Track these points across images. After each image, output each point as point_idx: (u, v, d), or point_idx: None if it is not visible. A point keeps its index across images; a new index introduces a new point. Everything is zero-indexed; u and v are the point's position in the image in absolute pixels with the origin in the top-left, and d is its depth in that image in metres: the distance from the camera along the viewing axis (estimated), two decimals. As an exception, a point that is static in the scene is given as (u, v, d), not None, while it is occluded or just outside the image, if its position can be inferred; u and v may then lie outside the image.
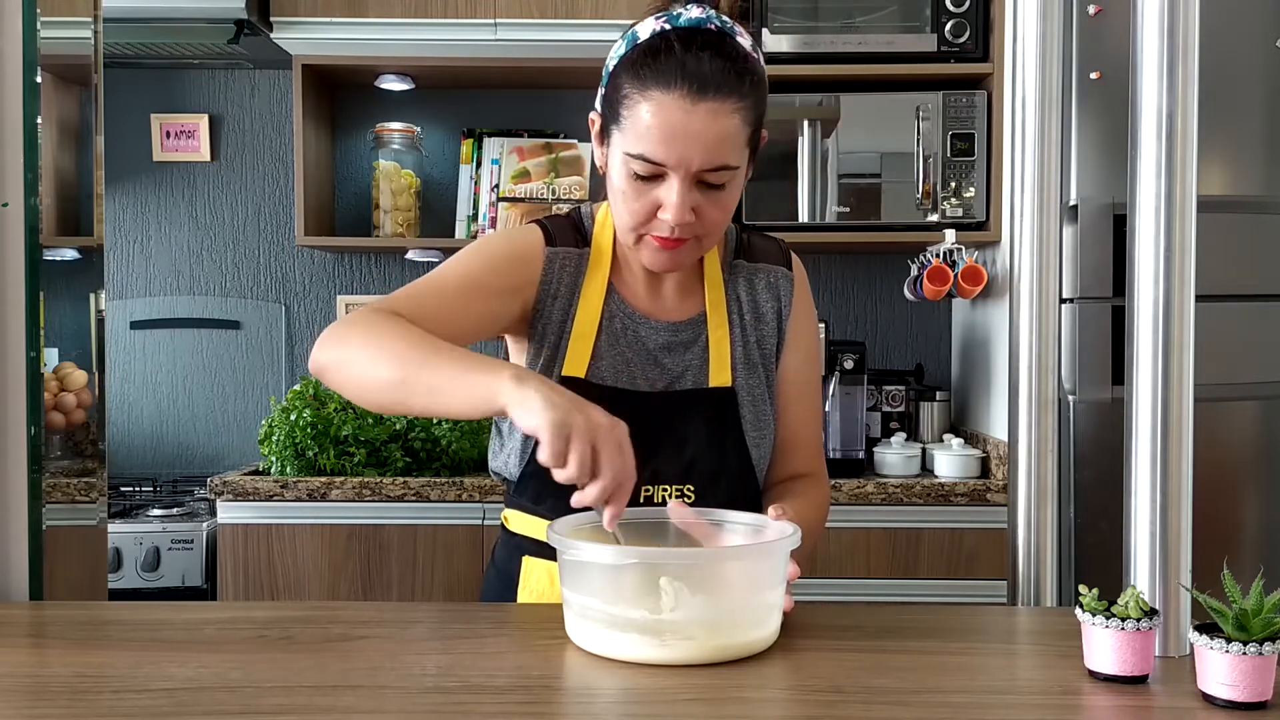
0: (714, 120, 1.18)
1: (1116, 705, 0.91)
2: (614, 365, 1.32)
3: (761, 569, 1.03)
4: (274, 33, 2.74)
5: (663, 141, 1.18)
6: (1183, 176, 1.04)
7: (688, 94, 1.17)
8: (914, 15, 2.71)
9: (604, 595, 1.01)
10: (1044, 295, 1.34)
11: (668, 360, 1.34)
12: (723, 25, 1.22)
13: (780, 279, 1.41)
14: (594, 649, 1.02)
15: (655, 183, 1.22)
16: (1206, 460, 1.37)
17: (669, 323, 1.35)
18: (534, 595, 1.34)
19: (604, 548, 1.02)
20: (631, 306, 1.35)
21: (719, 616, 1.00)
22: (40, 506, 1.35)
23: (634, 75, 1.20)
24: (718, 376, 1.34)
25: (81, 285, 1.53)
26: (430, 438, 2.62)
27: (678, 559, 1.05)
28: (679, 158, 1.19)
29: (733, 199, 1.26)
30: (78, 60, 1.51)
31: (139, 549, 2.54)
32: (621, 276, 1.36)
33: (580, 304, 1.32)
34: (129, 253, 3.18)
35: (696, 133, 1.18)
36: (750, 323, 1.38)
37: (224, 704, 0.90)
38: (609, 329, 1.33)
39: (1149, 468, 1.05)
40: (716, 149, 1.20)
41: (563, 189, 2.99)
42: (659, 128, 1.18)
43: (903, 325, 3.18)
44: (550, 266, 1.32)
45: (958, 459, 2.62)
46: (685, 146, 1.18)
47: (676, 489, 1.30)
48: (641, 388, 1.32)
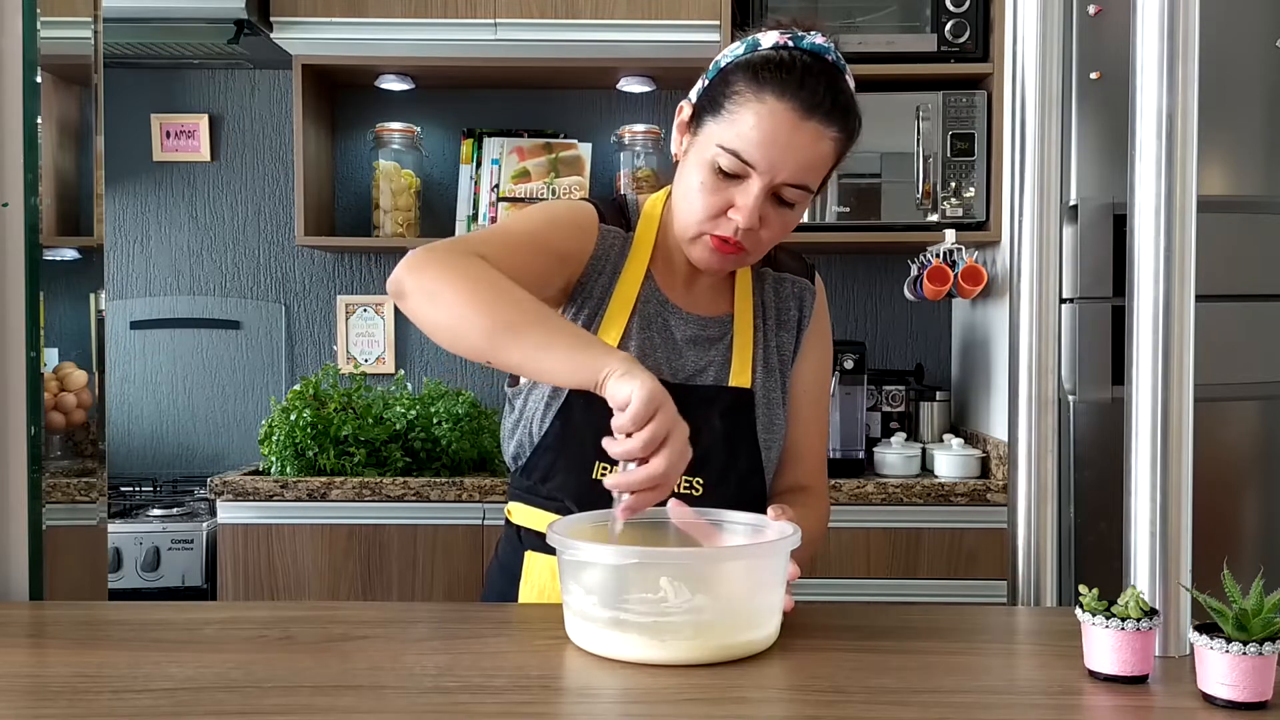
0: (814, 141, 1.23)
1: (1116, 705, 0.91)
2: (641, 348, 1.34)
3: (762, 569, 1.03)
4: (274, 33, 2.74)
5: (761, 145, 1.22)
6: (1183, 176, 1.04)
7: (799, 109, 1.22)
8: (914, 15, 2.71)
9: (604, 595, 1.01)
10: (1044, 295, 1.34)
11: (692, 354, 1.36)
12: (838, 60, 1.28)
13: (805, 290, 1.44)
14: (594, 649, 1.02)
15: (734, 182, 1.25)
16: (1206, 460, 1.37)
17: (698, 316, 1.38)
18: (536, 590, 1.34)
19: (604, 547, 1.02)
20: (665, 295, 1.37)
21: (719, 616, 1.00)
22: (40, 506, 1.35)
23: (752, 77, 1.24)
24: (739, 377, 1.36)
25: (81, 285, 1.53)
26: (430, 438, 2.62)
27: (678, 558, 1.05)
28: (770, 164, 1.23)
29: (793, 222, 1.30)
30: (78, 60, 1.51)
31: (139, 549, 2.54)
32: (660, 267, 1.38)
33: (619, 284, 1.35)
34: (129, 253, 3.18)
35: (795, 147, 1.23)
36: (772, 328, 1.41)
37: (224, 704, 0.90)
38: (642, 312, 1.35)
39: (1149, 468, 1.05)
40: (805, 168, 1.24)
41: (563, 189, 2.99)
42: (763, 131, 1.22)
43: (903, 325, 3.18)
44: (602, 241, 1.35)
45: (958, 459, 2.62)
46: (781, 156, 1.23)
47: (685, 480, 1.31)
48: (664, 375, 1.33)
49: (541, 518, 1.33)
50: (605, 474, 1.25)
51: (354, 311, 3.17)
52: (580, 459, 1.31)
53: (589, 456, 1.29)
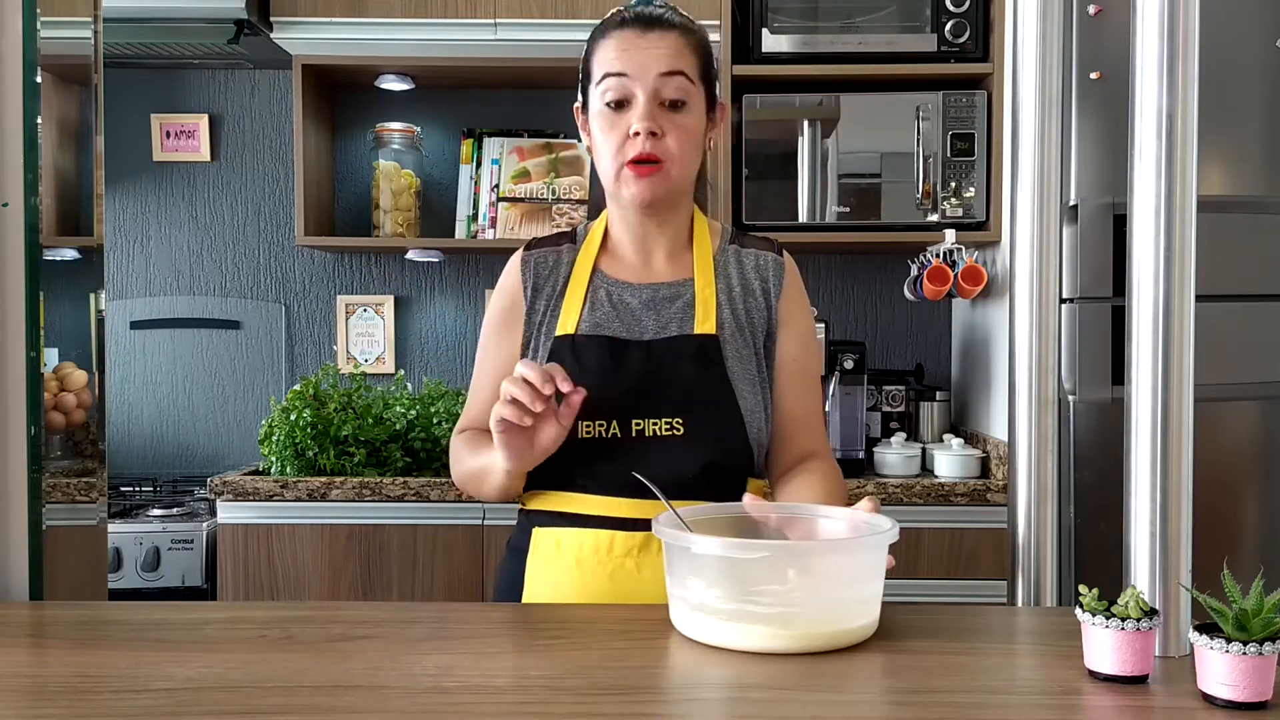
0: (662, 39, 1.39)
1: (1116, 705, 0.91)
2: (596, 325, 1.42)
3: (873, 559, 1.09)
4: (274, 33, 2.74)
5: (621, 57, 1.39)
6: (1183, 176, 1.04)
7: (639, 27, 1.40)
8: (914, 15, 2.71)
9: (725, 587, 1.05)
10: (1044, 295, 1.34)
11: (650, 316, 1.43)
12: (667, 6, 1.44)
13: (770, 263, 1.49)
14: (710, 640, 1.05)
15: (625, 109, 1.39)
16: (1206, 460, 1.37)
17: (653, 284, 1.46)
18: (541, 561, 1.39)
19: (729, 541, 1.07)
20: (615, 278, 1.46)
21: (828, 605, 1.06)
22: (40, 506, 1.35)
23: (593, 39, 1.44)
24: (702, 325, 1.42)
25: (81, 285, 1.53)
26: (430, 438, 2.62)
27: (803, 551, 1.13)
28: (639, 65, 1.38)
29: (693, 127, 1.42)
30: (78, 60, 1.51)
31: (139, 549, 2.54)
32: (611, 256, 1.48)
33: (570, 285, 1.45)
34: (129, 253, 3.18)
35: (648, 47, 1.39)
36: (739, 294, 1.46)
37: (224, 704, 0.90)
38: (593, 298, 1.44)
39: (1149, 468, 1.05)
40: (671, 59, 1.38)
41: (562, 189, 2.99)
42: (618, 49, 1.39)
43: (903, 325, 3.18)
44: (525, 269, 1.48)
45: (958, 459, 2.62)
46: (642, 58, 1.38)
47: (667, 422, 1.37)
48: (626, 338, 1.42)
49: (553, 497, 1.41)
50: (589, 431, 1.37)
51: (354, 311, 3.17)
52: None
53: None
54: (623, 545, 1.35)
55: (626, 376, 1.38)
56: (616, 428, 1.37)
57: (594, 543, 1.36)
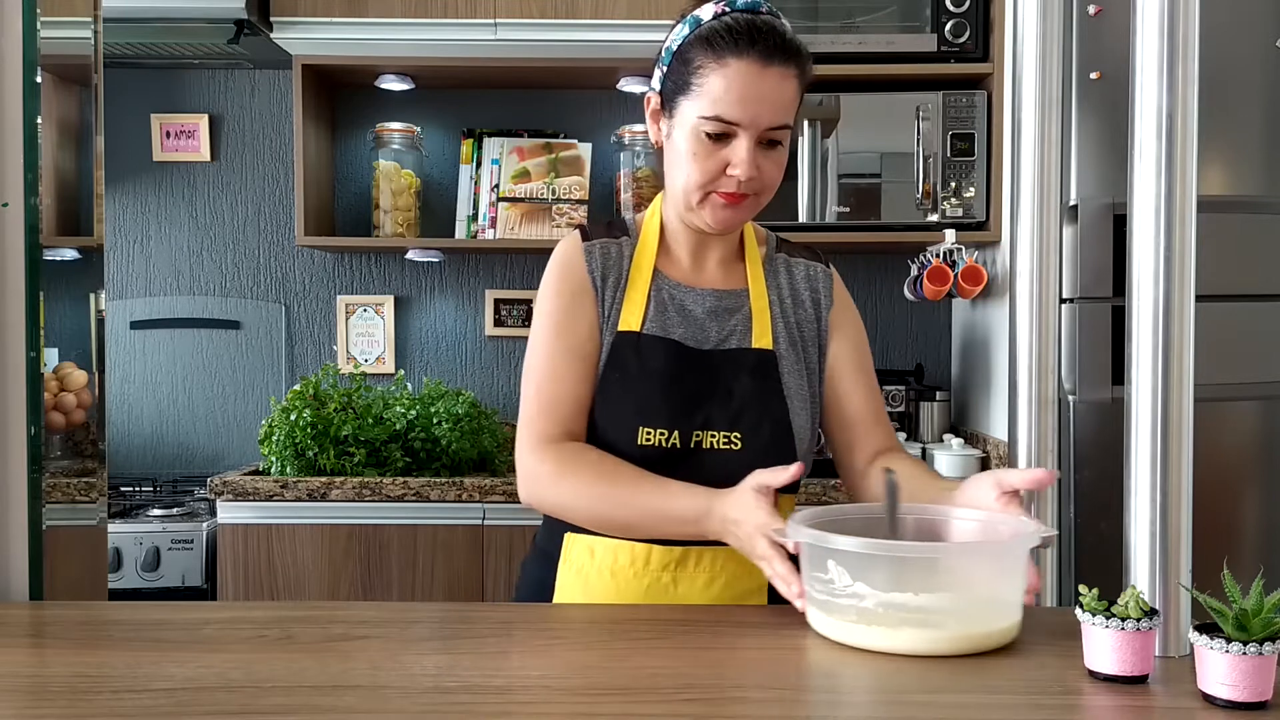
0: (780, 83, 1.33)
1: (1116, 705, 0.91)
2: (664, 326, 1.42)
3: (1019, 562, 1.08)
4: (274, 33, 2.74)
5: (738, 103, 1.32)
6: (1183, 176, 1.04)
7: (759, 60, 1.32)
8: (914, 15, 2.70)
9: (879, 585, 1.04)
10: (1044, 295, 1.34)
11: (713, 324, 1.43)
12: (771, 10, 1.39)
13: (818, 274, 1.51)
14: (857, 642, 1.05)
15: (724, 142, 1.35)
16: (1206, 460, 1.37)
17: (714, 290, 1.45)
18: (574, 569, 1.38)
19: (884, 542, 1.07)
20: (674, 280, 1.45)
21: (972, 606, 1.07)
22: (40, 506, 1.35)
23: (708, 47, 1.34)
24: (760, 340, 1.43)
25: (81, 285, 1.53)
26: (430, 438, 2.62)
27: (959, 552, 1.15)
28: (751, 117, 1.32)
29: (784, 158, 1.40)
30: (78, 60, 1.51)
31: (139, 549, 2.54)
32: (668, 259, 1.47)
33: (630, 281, 1.43)
34: (129, 253, 3.18)
35: (765, 94, 1.32)
36: (790, 306, 1.47)
37: (224, 704, 0.90)
38: (656, 299, 1.43)
39: (1149, 468, 1.05)
40: (780, 109, 1.34)
41: (562, 189, 2.99)
42: (735, 91, 1.32)
43: (903, 325, 3.18)
44: (591, 257, 1.43)
45: (958, 459, 2.62)
46: (756, 107, 1.32)
47: (724, 435, 1.37)
48: (691, 346, 1.41)
49: None
50: (649, 439, 1.34)
51: (354, 311, 3.17)
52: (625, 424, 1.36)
53: (631, 423, 1.35)
54: (660, 559, 1.34)
55: (689, 384, 1.38)
56: (678, 438, 1.35)
57: (630, 555, 1.34)
